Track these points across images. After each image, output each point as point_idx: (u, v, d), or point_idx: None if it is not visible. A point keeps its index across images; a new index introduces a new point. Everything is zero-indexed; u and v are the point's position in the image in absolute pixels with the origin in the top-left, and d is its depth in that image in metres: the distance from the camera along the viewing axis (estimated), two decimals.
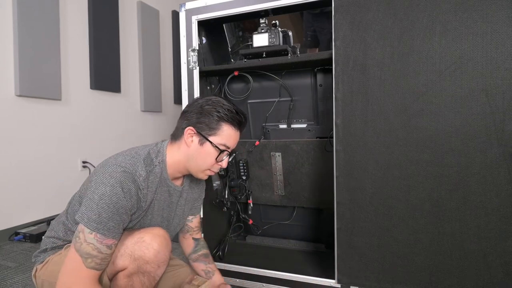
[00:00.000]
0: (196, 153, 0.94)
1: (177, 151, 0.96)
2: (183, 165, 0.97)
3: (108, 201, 0.81)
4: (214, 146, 0.93)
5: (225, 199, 1.68)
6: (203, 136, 0.93)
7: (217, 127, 0.93)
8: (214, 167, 0.97)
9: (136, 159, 0.90)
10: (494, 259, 1.05)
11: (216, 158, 0.94)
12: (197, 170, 0.97)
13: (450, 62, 1.06)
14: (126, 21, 3.21)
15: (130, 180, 0.85)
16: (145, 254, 0.84)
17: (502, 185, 1.02)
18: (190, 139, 0.94)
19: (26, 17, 2.20)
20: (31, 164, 2.30)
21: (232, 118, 0.94)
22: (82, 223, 0.80)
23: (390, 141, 1.14)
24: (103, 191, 0.81)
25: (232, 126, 0.95)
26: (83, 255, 0.79)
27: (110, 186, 0.82)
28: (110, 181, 0.82)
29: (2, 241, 2.10)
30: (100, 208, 0.80)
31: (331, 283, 1.28)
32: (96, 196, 0.81)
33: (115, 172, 0.84)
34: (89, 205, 0.81)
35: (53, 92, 2.42)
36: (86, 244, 0.79)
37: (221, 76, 1.73)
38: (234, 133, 0.96)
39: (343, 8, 1.17)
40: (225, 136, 0.94)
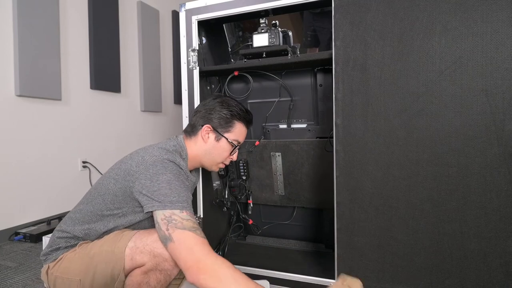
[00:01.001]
0: (212, 148, 1.06)
1: (194, 146, 1.06)
2: (199, 159, 1.07)
3: (177, 183, 0.87)
4: (229, 142, 1.06)
5: (225, 199, 1.68)
6: (219, 133, 1.05)
7: (231, 125, 1.06)
8: (227, 160, 1.11)
9: (170, 152, 0.96)
10: (494, 259, 1.05)
11: (230, 152, 1.08)
12: (211, 163, 1.09)
13: (450, 62, 1.06)
14: (126, 21, 3.21)
15: (178, 168, 0.93)
16: (165, 251, 0.87)
17: (502, 185, 1.02)
18: (207, 136, 1.05)
19: (26, 17, 2.20)
20: (31, 164, 2.30)
21: (244, 117, 1.08)
22: (166, 209, 0.84)
23: (390, 141, 1.14)
24: (167, 178, 0.87)
25: (243, 124, 1.09)
26: (191, 229, 0.83)
27: (170, 172, 0.89)
28: (167, 169, 0.89)
29: (2, 241, 2.10)
30: (175, 190, 0.86)
31: (331, 283, 1.28)
32: (165, 184, 0.86)
33: (167, 164, 0.90)
34: (160, 192, 0.85)
35: (53, 92, 2.42)
36: (186, 221, 0.84)
37: (221, 76, 1.73)
38: (244, 130, 1.11)
39: (343, 8, 1.17)
40: (237, 133, 1.08)
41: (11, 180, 2.17)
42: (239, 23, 1.92)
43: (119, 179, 0.95)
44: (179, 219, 0.84)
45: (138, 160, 0.94)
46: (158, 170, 0.89)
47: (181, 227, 0.83)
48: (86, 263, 0.91)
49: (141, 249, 0.89)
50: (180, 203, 0.85)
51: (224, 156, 1.08)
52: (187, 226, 0.83)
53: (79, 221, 0.98)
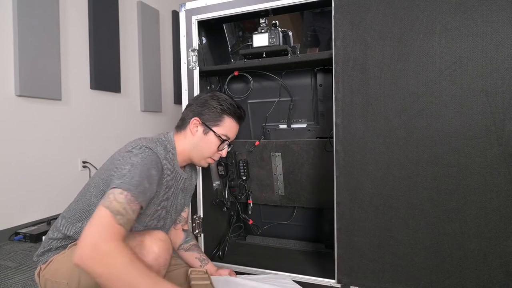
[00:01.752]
0: (200, 141, 1.04)
1: (183, 140, 1.05)
2: (188, 153, 1.06)
3: (140, 168, 0.85)
4: (217, 136, 1.04)
5: (225, 199, 1.68)
6: (207, 126, 1.04)
7: (220, 119, 1.05)
8: (215, 156, 1.08)
9: (153, 143, 0.96)
10: (494, 259, 1.05)
11: (218, 147, 1.05)
12: (200, 158, 1.06)
13: (450, 62, 1.06)
14: (126, 21, 3.21)
15: (155, 156, 0.91)
16: (145, 258, 0.84)
17: (502, 185, 1.02)
18: (195, 129, 1.04)
19: (26, 17, 2.20)
20: (31, 164, 2.30)
21: (234, 112, 1.06)
22: (114, 186, 0.81)
23: (390, 141, 1.14)
24: (134, 161, 0.86)
25: (233, 119, 1.07)
26: (113, 211, 0.77)
27: (140, 157, 0.88)
28: (139, 154, 0.88)
29: (2, 241, 2.10)
30: (132, 173, 0.83)
31: (331, 283, 1.28)
32: (128, 166, 0.85)
33: (141, 150, 0.90)
34: (121, 172, 0.84)
35: (53, 92, 2.42)
36: (116, 203, 0.78)
37: (221, 76, 1.73)
38: (235, 125, 1.08)
39: (343, 8, 1.17)
40: (226, 127, 1.05)
41: (11, 180, 2.17)
42: (239, 23, 1.92)
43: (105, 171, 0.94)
44: (113, 197, 0.78)
45: (121, 150, 0.96)
46: (131, 154, 0.89)
47: (107, 205, 0.77)
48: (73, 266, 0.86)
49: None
50: (127, 184, 0.80)
51: (211, 151, 1.06)
52: (112, 207, 0.76)
53: (71, 220, 0.96)
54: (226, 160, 1.66)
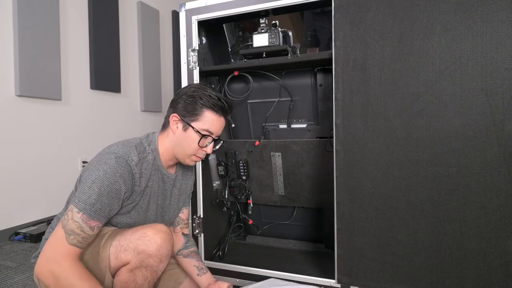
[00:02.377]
0: (181, 139, 0.98)
1: (166, 139, 1.01)
2: (172, 152, 1.01)
3: (100, 184, 0.85)
4: (195, 131, 0.96)
5: (225, 199, 1.68)
6: (186, 122, 0.97)
7: (199, 113, 0.97)
8: (199, 153, 1.00)
9: (128, 147, 0.94)
10: (494, 259, 1.05)
11: (199, 143, 0.97)
12: (183, 156, 1.01)
13: (450, 62, 1.06)
14: (126, 21, 3.21)
15: (123, 164, 0.89)
16: (148, 247, 0.87)
17: (502, 185, 1.02)
18: (175, 126, 0.98)
19: (26, 17, 2.20)
20: (31, 164, 2.30)
21: (214, 104, 0.97)
22: (73, 203, 0.85)
23: (390, 141, 1.14)
24: (97, 175, 0.85)
25: (214, 112, 0.98)
26: (67, 231, 0.82)
27: (103, 171, 0.86)
28: (103, 166, 0.87)
29: (2, 241, 2.10)
30: (91, 190, 0.84)
31: (331, 283, 1.28)
32: (90, 180, 0.85)
33: (108, 159, 0.88)
34: (82, 188, 0.85)
35: (53, 92, 2.42)
36: (72, 222, 0.83)
37: (221, 76, 1.73)
38: (217, 118, 0.99)
39: (343, 8, 1.17)
40: (207, 122, 0.97)
41: (11, 180, 2.17)
42: (239, 23, 1.92)
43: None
44: (70, 216, 0.83)
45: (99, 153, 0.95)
46: (97, 163, 0.88)
47: (64, 224, 0.83)
48: None
49: (125, 247, 0.88)
50: (83, 204, 0.83)
51: (193, 147, 0.98)
52: (68, 226, 0.82)
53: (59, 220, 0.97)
54: (226, 160, 1.66)
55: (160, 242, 0.89)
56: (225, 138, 1.80)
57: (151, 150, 0.99)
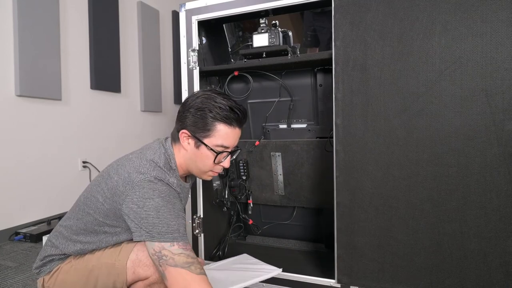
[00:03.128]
0: (194, 156, 0.90)
1: (178, 153, 0.93)
2: (186, 168, 0.95)
3: (166, 209, 0.78)
4: (209, 149, 0.88)
5: (225, 199, 1.68)
6: (197, 138, 0.88)
7: (212, 128, 0.87)
8: (216, 168, 0.93)
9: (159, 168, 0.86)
10: (494, 259, 1.05)
11: (215, 159, 0.89)
12: (199, 173, 0.94)
13: (450, 62, 1.06)
14: (126, 21, 3.21)
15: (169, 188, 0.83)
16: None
17: (502, 185, 1.02)
18: (186, 142, 0.90)
19: (26, 17, 2.20)
20: (31, 164, 2.30)
21: (226, 116, 0.87)
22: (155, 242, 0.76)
23: (390, 141, 1.13)
24: (154, 204, 0.78)
25: (227, 125, 0.88)
26: (184, 266, 0.75)
27: (158, 196, 0.79)
28: (155, 192, 0.79)
29: (2, 241, 2.10)
30: (164, 219, 0.77)
31: (331, 283, 1.28)
32: (152, 212, 0.77)
33: (154, 184, 0.81)
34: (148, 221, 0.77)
35: (53, 92, 2.42)
36: (178, 256, 0.75)
37: (221, 76, 1.73)
38: (231, 131, 0.89)
39: (343, 8, 1.17)
40: (221, 137, 0.88)
41: (11, 180, 2.17)
42: (239, 23, 1.92)
43: (107, 199, 0.86)
44: (170, 254, 0.75)
45: (124, 178, 0.84)
46: (146, 193, 0.79)
47: (172, 264, 0.75)
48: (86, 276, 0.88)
49: (144, 262, 0.85)
50: (170, 234, 0.76)
51: (208, 165, 0.90)
52: (179, 262, 0.75)
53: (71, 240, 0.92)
54: None
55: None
56: None
57: (175, 165, 0.92)
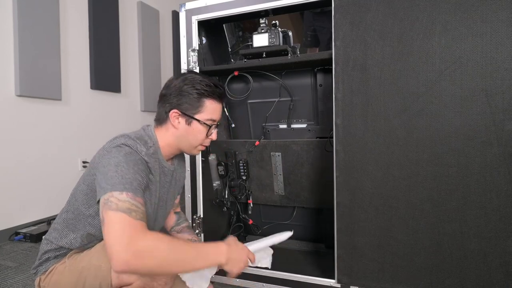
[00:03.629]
0: (186, 133, 0.97)
1: (165, 134, 0.98)
2: (175, 146, 1.00)
3: (126, 165, 0.81)
4: (202, 124, 0.96)
5: (225, 199, 1.68)
6: (189, 116, 0.95)
7: (200, 104, 0.95)
8: (205, 142, 1.01)
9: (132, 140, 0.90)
10: (494, 259, 1.05)
11: (206, 133, 0.98)
12: (190, 148, 1.01)
13: (450, 62, 1.06)
14: (126, 21, 3.21)
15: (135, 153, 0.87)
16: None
17: (502, 185, 1.02)
18: (176, 121, 0.96)
19: (26, 17, 2.20)
20: (31, 164, 2.30)
21: (213, 92, 0.96)
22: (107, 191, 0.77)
23: (390, 141, 1.14)
24: (117, 160, 0.81)
25: (214, 100, 0.97)
26: (125, 211, 0.74)
27: (123, 155, 0.83)
28: (120, 153, 0.83)
29: (2, 241, 2.10)
30: (120, 172, 0.79)
31: (331, 283, 1.28)
32: (112, 167, 0.80)
33: (120, 147, 0.85)
34: (107, 176, 0.79)
35: (53, 92, 2.42)
36: (122, 203, 0.75)
37: (221, 76, 1.73)
38: (217, 105, 0.99)
39: (343, 8, 1.17)
40: (210, 111, 0.97)
41: (11, 180, 2.17)
42: (239, 23, 1.92)
43: (86, 176, 0.91)
44: (115, 200, 0.75)
45: (98, 151, 0.90)
46: (112, 156, 0.84)
47: (114, 208, 0.74)
48: (76, 276, 0.89)
49: None
50: (122, 185, 0.77)
51: (200, 138, 0.98)
52: (121, 207, 0.74)
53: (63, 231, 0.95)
54: (226, 160, 1.66)
55: None
56: (225, 138, 1.80)
57: (153, 144, 0.96)
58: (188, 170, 1.54)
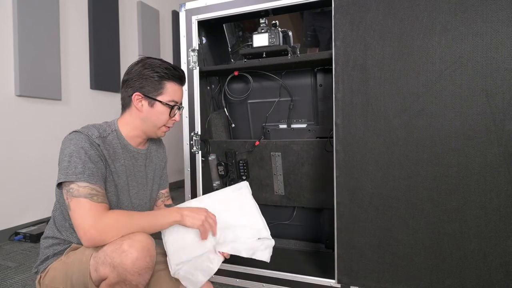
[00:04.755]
0: (149, 114, 1.01)
1: (129, 118, 1.03)
2: (140, 129, 1.03)
3: (77, 154, 0.88)
4: (164, 104, 1.00)
5: None
6: (151, 98, 0.99)
7: (161, 86, 1.00)
8: (169, 123, 1.04)
9: (86, 128, 0.97)
10: (494, 259, 1.05)
11: (169, 114, 1.02)
12: (154, 130, 1.04)
13: (450, 62, 1.06)
14: (126, 21, 3.21)
15: (85, 137, 0.92)
16: (123, 261, 0.81)
17: (502, 185, 1.02)
18: (140, 104, 1.00)
19: (26, 17, 2.20)
20: (31, 164, 2.30)
21: (173, 74, 1.00)
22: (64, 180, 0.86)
23: (390, 141, 1.14)
24: (69, 151, 0.88)
25: (174, 82, 1.02)
26: (87, 196, 0.84)
27: (74, 145, 0.89)
28: (71, 142, 0.90)
29: (2, 241, 2.10)
30: (73, 163, 0.86)
31: (331, 283, 1.28)
32: (66, 157, 0.88)
33: (71, 137, 0.92)
34: (63, 167, 0.87)
35: (53, 92, 2.42)
36: (83, 189, 0.85)
37: (221, 76, 1.73)
38: (178, 88, 1.03)
39: (343, 8, 1.17)
40: (171, 93, 1.01)
41: (11, 180, 2.17)
42: (239, 23, 1.92)
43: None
44: (76, 187, 0.85)
45: None
46: (64, 145, 0.91)
47: (76, 194, 0.84)
48: (65, 271, 0.91)
49: (102, 260, 0.84)
50: (75, 175, 0.85)
51: (163, 120, 1.02)
52: (82, 193, 0.84)
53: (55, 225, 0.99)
54: (226, 160, 1.66)
55: (137, 254, 0.82)
56: (225, 138, 1.80)
57: (111, 131, 1.01)
58: (188, 170, 1.54)
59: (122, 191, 1.00)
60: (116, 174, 0.98)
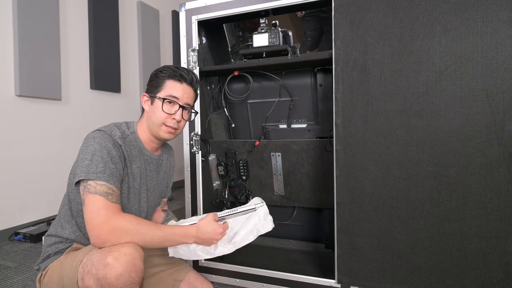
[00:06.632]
0: (151, 112, 1.03)
1: (142, 120, 1.07)
2: (148, 130, 1.05)
3: (100, 154, 0.89)
4: (158, 98, 1.01)
5: (225, 199, 1.68)
6: (152, 95, 1.03)
7: (162, 84, 1.02)
8: (168, 121, 1.01)
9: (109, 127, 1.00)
10: (494, 259, 1.05)
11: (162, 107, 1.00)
12: (156, 129, 1.03)
13: (450, 62, 1.06)
14: (126, 21, 3.21)
15: (108, 138, 0.94)
16: (107, 275, 0.78)
17: (502, 185, 1.02)
18: (146, 105, 1.05)
19: (26, 17, 2.20)
20: (31, 164, 2.30)
21: (173, 72, 1.02)
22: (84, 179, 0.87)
23: (390, 141, 1.14)
24: (92, 149, 0.90)
25: (174, 79, 1.02)
26: (102, 194, 0.85)
27: (97, 144, 0.91)
28: (94, 141, 0.92)
29: (2, 241, 2.10)
30: (95, 162, 0.88)
31: (331, 283, 1.28)
32: (88, 156, 0.89)
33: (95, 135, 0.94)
34: (84, 164, 0.88)
35: (53, 92, 2.41)
36: (100, 186, 0.86)
37: (221, 76, 1.73)
38: (179, 84, 1.03)
39: (343, 8, 1.17)
40: (168, 89, 1.01)
41: (11, 180, 2.17)
42: (239, 23, 1.92)
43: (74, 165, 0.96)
44: (94, 184, 0.86)
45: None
46: (87, 143, 0.93)
47: (93, 191, 0.85)
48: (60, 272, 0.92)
49: (88, 269, 0.81)
50: (95, 174, 0.87)
51: (161, 116, 1.00)
52: (99, 190, 0.85)
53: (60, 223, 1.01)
54: (226, 160, 1.66)
55: (121, 270, 0.78)
56: (225, 138, 1.80)
57: (131, 133, 1.03)
58: (188, 170, 1.54)
59: (134, 193, 1.01)
60: (132, 176, 1.00)
